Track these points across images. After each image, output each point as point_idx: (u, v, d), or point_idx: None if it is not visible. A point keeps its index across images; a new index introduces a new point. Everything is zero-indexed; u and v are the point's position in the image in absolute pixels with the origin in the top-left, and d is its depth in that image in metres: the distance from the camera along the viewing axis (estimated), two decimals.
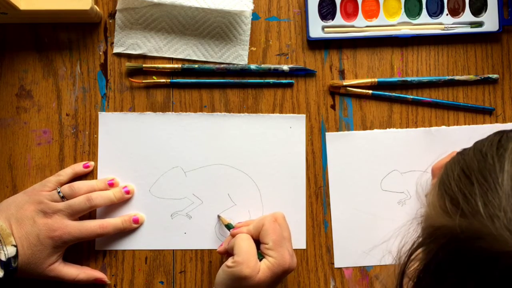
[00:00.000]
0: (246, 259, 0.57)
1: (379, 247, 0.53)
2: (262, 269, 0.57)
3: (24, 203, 0.62)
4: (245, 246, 0.59)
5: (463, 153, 0.45)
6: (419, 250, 0.43)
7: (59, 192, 0.63)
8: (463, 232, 0.37)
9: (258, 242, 0.61)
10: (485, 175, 0.39)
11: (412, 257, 0.44)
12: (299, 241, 0.68)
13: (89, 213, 0.66)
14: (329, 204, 0.69)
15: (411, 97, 0.70)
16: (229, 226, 0.66)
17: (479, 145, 0.43)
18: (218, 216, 0.68)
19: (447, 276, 0.39)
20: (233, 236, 0.62)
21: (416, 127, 0.70)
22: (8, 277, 0.59)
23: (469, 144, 0.46)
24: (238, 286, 0.57)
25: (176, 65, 0.69)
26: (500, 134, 0.43)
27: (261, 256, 0.59)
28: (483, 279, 0.36)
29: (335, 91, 0.70)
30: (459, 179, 0.41)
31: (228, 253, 0.62)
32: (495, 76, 0.71)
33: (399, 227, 0.48)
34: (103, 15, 0.70)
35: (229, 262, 0.58)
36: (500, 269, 0.35)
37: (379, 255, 0.56)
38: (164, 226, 0.68)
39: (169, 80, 0.69)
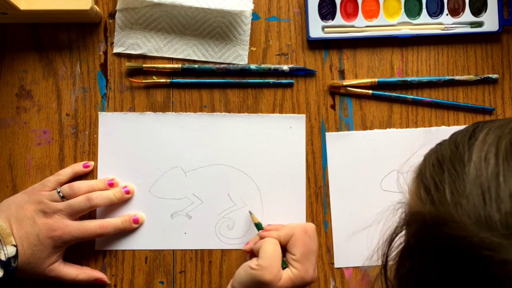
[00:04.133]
0: (270, 264, 0.56)
1: (377, 247, 0.53)
2: (284, 278, 0.57)
3: (24, 203, 0.62)
4: (271, 251, 0.58)
5: (441, 143, 0.46)
6: (400, 235, 0.45)
7: (59, 192, 0.63)
8: (431, 218, 0.39)
9: (284, 249, 0.60)
10: (455, 164, 0.40)
11: (394, 242, 0.45)
12: None
13: (89, 213, 0.66)
14: (329, 204, 0.69)
15: (411, 97, 0.70)
16: (258, 226, 0.64)
17: (455, 135, 0.44)
18: (250, 212, 0.67)
19: (417, 260, 0.40)
20: (261, 237, 0.61)
21: (416, 127, 0.70)
22: (8, 277, 0.59)
23: None
24: None
25: (176, 65, 0.69)
26: (476, 125, 0.44)
27: (285, 264, 0.59)
28: (445, 263, 0.38)
29: (335, 91, 0.70)
30: (433, 167, 0.42)
31: (253, 252, 0.61)
32: (495, 76, 0.71)
33: (381, 212, 0.49)
34: (103, 15, 0.70)
35: (252, 264, 0.57)
36: (458, 253, 0.36)
37: (378, 255, 0.57)
38: (164, 226, 0.68)
39: (169, 80, 0.69)
